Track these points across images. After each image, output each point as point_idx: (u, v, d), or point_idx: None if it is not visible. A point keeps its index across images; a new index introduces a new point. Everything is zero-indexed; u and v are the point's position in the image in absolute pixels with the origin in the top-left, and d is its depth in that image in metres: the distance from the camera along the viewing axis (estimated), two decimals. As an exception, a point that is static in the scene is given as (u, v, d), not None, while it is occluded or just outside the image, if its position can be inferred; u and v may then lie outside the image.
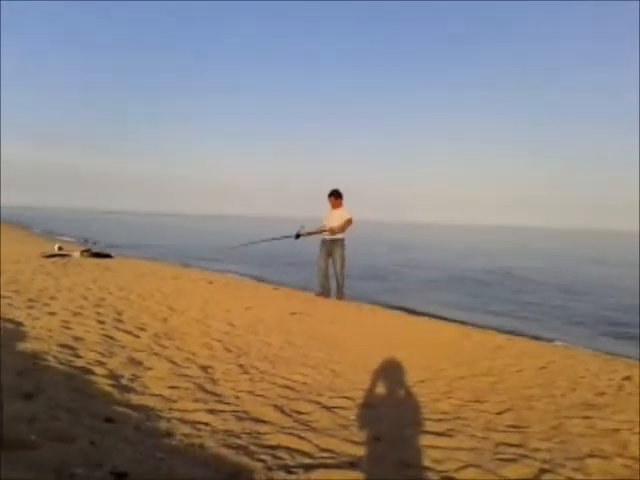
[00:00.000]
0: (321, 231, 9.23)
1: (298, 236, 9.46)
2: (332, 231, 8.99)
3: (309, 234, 9.44)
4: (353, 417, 3.21)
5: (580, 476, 2.46)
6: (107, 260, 12.99)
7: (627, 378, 4.71)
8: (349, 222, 8.98)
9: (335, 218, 9.07)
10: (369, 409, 3.44)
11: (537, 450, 2.78)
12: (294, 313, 7.26)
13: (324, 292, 9.18)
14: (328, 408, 3.36)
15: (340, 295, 9.28)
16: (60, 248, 14.04)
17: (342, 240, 9.17)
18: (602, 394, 4.15)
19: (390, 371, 4.56)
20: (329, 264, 9.18)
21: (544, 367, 5.14)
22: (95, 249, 15.09)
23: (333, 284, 9.37)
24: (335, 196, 9.04)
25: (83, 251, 13.48)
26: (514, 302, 12.11)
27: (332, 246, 9.11)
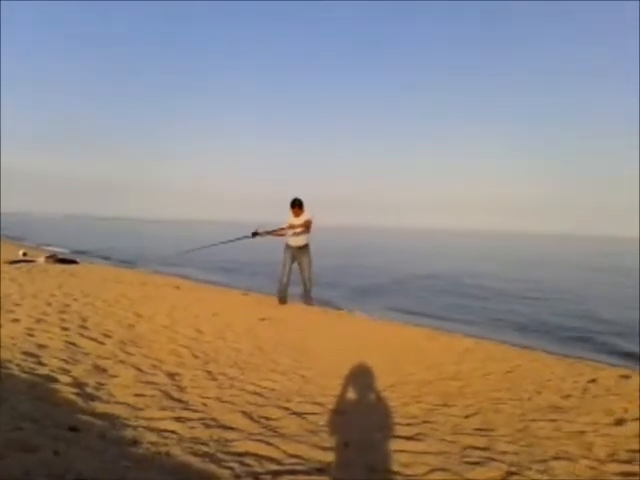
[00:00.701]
0: (281, 229, 9.01)
1: (255, 234, 9.18)
2: (292, 228, 8.84)
3: (268, 233, 9.21)
4: (322, 423, 3.20)
5: (546, 478, 2.50)
6: (72, 266, 12.74)
7: (592, 381, 4.79)
8: (309, 222, 8.88)
9: (297, 222, 9.00)
10: (339, 415, 3.43)
11: (504, 453, 2.81)
12: (263, 319, 7.22)
13: (283, 298, 9.11)
14: (297, 414, 3.34)
15: (308, 300, 9.29)
16: (25, 254, 13.72)
17: (307, 246, 9.16)
18: (568, 397, 4.21)
19: (360, 376, 4.56)
20: (293, 271, 9.12)
21: (510, 371, 5.20)
22: (60, 255, 14.79)
23: (298, 290, 9.37)
24: (298, 206, 8.91)
25: (48, 257, 13.20)
26: (459, 307, 12.12)
27: (298, 253, 9.08)
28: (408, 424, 3.31)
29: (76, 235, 41.57)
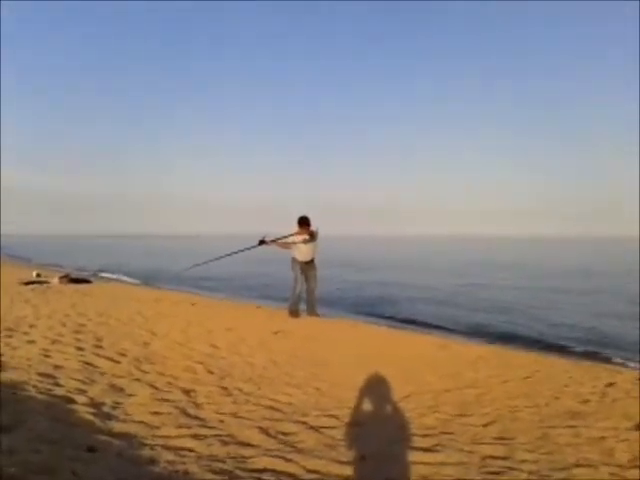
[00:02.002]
0: (289, 236, 8.99)
1: (262, 242, 9.06)
2: (301, 234, 8.90)
3: (275, 241, 9.13)
4: (339, 436, 3.19)
5: (567, 486, 2.47)
6: (86, 285, 12.83)
7: (610, 384, 4.74)
8: (316, 233, 9.00)
9: (305, 245, 9.06)
10: (355, 427, 3.41)
11: (523, 461, 2.78)
12: (277, 332, 7.22)
13: (296, 311, 9.15)
14: (314, 428, 3.33)
15: (313, 312, 9.39)
16: (38, 275, 13.84)
17: (314, 260, 9.33)
18: (586, 402, 4.17)
19: (375, 387, 4.54)
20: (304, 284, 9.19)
21: (528, 377, 5.15)
22: (74, 275, 14.89)
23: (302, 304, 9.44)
24: (306, 224, 8.97)
25: (62, 277, 13.30)
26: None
27: (306, 267, 9.22)
28: (425, 435, 3.29)
29: (80, 254, 41.83)
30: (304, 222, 8.99)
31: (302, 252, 9.09)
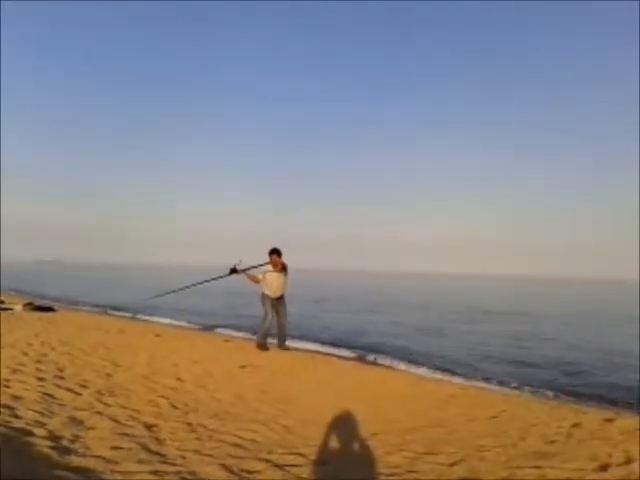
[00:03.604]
0: (262, 267, 9.07)
1: (234, 271, 8.95)
2: (275, 266, 9.01)
3: (245, 271, 9.04)
4: (305, 475, 3.13)
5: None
6: (50, 313, 12.54)
7: (576, 425, 4.77)
8: (285, 265, 9.18)
9: (276, 278, 9.11)
10: (322, 465, 3.36)
11: (490, 502, 2.76)
12: (244, 366, 7.12)
13: (264, 344, 9.14)
14: (279, 466, 3.26)
15: (284, 345, 9.50)
16: (1, 301, 13.50)
17: (284, 296, 9.40)
18: (552, 442, 4.17)
19: (343, 425, 4.49)
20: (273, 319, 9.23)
21: (495, 416, 5.16)
22: (38, 302, 14.55)
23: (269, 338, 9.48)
24: (277, 254, 9.04)
25: (26, 304, 12.99)
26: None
27: (276, 303, 9.29)
28: (392, 474, 3.25)
29: (48, 282, 41.02)
30: (275, 253, 9.03)
31: (272, 288, 9.12)
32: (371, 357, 10.47)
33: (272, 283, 9.09)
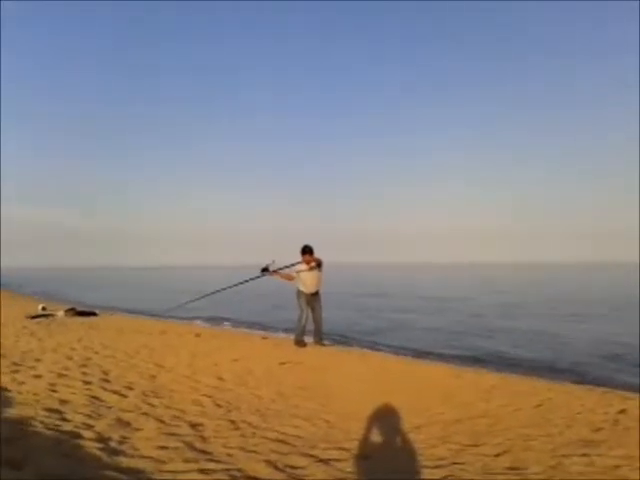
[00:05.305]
0: (295, 267, 9.12)
1: (265, 271, 9.07)
2: (308, 264, 8.99)
3: (277, 272, 9.14)
4: (348, 469, 3.13)
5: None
6: (92, 318, 12.84)
7: (622, 412, 4.67)
8: (321, 261, 9.13)
9: (310, 275, 9.13)
10: (365, 460, 3.36)
11: (537, 492, 2.73)
12: (283, 363, 7.17)
13: (302, 341, 9.17)
14: (323, 461, 3.27)
15: (320, 341, 9.53)
16: (44, 308, 13.87)
17: (319, 292, 9.44)
18: (599, 430, 4.10)
19: (384, 418, 4.49)
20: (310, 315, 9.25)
21: (540, 405, 5.08)
22: (79, 307, 14.90)
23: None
24: (309, 253, 9.02)
25: (67, 310, 13.32)
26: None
27: (311, 299, 9.32)
28: (436, 466, 3.23)
29: (85, 287, 42.03)
30: (308, 251, 9.03)
31: (307, 284, 9.15)
32: (406, 351, 10.42)
33: (306, 280, 9.12)
